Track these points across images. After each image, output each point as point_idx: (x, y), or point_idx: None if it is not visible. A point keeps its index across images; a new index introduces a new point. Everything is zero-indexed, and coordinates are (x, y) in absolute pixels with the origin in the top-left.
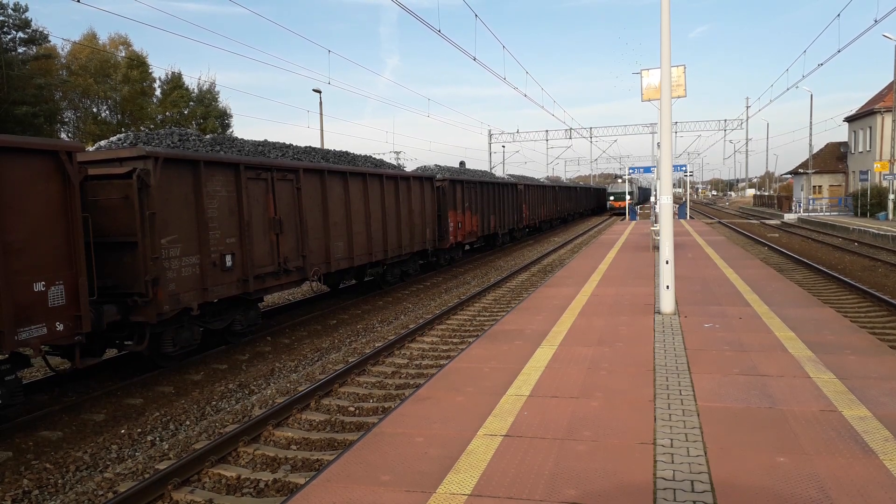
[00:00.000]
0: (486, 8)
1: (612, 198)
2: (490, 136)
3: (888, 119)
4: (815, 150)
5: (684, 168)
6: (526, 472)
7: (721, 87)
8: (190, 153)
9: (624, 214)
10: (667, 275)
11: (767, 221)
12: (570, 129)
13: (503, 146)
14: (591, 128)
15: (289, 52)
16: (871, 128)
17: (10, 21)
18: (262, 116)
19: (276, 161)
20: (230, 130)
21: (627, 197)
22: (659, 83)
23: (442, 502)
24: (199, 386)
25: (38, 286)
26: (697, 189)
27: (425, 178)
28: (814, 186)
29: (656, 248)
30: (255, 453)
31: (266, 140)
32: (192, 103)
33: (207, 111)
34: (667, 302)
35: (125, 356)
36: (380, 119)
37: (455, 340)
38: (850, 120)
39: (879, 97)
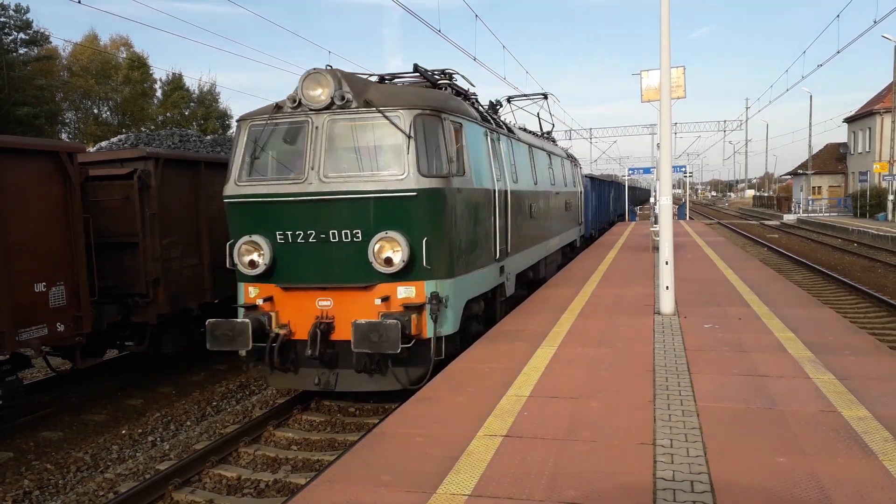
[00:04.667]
0: (486, 8)
1: None
2: None
3: (888, 120)
4: (814, 151)
5: (684, 169)
6: (526, 473)
7: (721, 88)
8: (191, 154)
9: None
10: (666, 275)
11: (767, 222)
12: (570, 129)
13: None
14: (590, 128)
15: (290, 52)
16: (870, 129)
17: (12, 22)
18: None
19: None
20: (231, 131)
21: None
22: (658, 84)
23: (442, 502)
24: (200, 386)
25: (39, 287)
26: (697, 190)
27: None
28: (813, 187)
29: (656, 248)
30: (255, 454)
31: None
32: (192, 104)
33: (208, 112)
34: (666, 302)
35: (126, 356)
36: None
37: None
38: (849, 121)
39: (879, 98)
